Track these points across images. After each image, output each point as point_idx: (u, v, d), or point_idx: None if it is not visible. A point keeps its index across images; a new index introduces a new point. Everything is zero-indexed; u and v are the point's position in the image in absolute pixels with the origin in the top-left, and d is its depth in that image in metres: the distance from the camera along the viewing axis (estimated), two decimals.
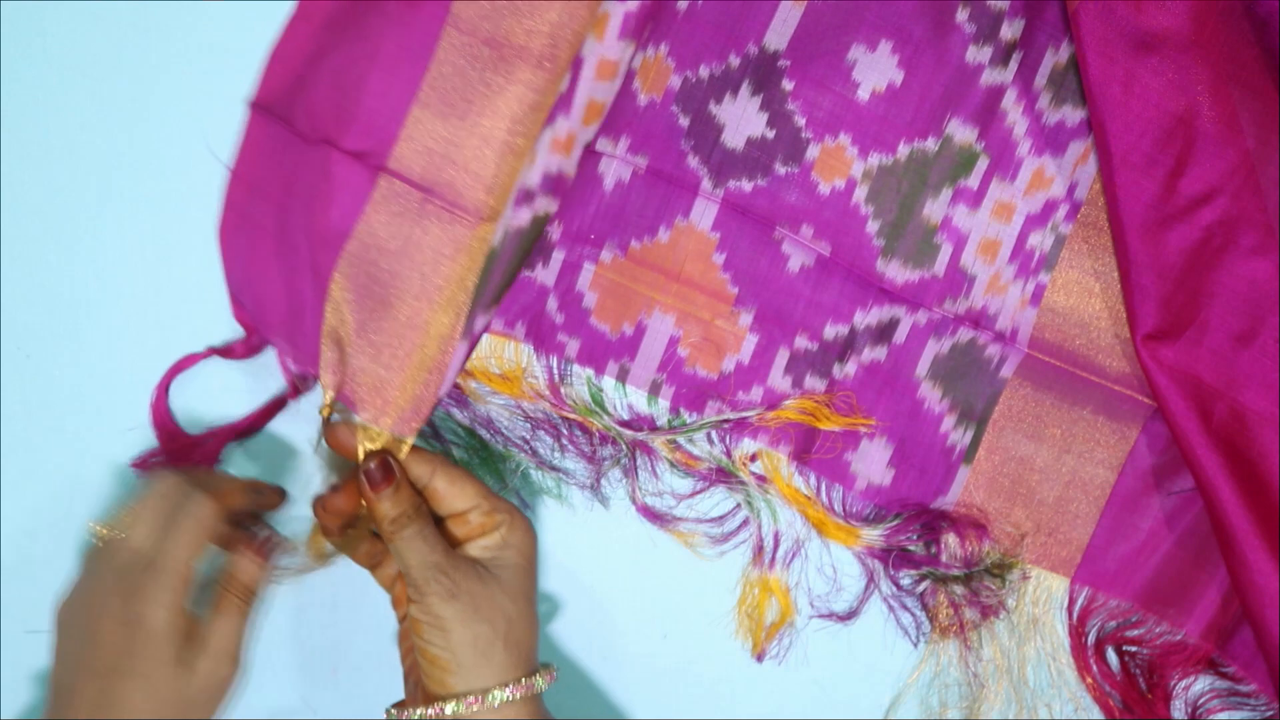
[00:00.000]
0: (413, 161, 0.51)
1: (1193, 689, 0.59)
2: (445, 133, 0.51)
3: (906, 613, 0.59)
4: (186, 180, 0.57)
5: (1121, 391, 0.58)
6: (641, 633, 0.60)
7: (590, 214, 0.57)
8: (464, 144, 0.51)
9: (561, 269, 0.57)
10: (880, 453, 0.58)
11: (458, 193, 0.51)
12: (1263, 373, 0.54)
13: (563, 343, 0.58)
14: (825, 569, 0.59)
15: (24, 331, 0.58)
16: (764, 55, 0.56)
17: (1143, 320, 0.55)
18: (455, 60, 0.50)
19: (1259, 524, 0.53)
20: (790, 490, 0.59)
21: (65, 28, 0.57)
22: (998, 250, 0.58)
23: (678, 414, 0.58)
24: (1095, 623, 0.59)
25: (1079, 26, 0.53)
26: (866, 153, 0.56)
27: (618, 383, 0.58)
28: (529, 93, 0.51)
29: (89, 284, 0.58)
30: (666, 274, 0.57)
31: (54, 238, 0.58)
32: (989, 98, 0.56)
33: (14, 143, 0.57)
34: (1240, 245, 0.54)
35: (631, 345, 0.58)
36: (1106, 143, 0.54)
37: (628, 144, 0.56)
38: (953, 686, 0.59)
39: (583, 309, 0.58)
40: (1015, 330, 0.58)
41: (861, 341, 0.58)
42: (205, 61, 0.57)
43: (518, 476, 0.58)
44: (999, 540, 0.59)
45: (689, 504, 0.59)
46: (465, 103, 0.51)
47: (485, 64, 0.50)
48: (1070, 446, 0.58)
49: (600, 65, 0.52)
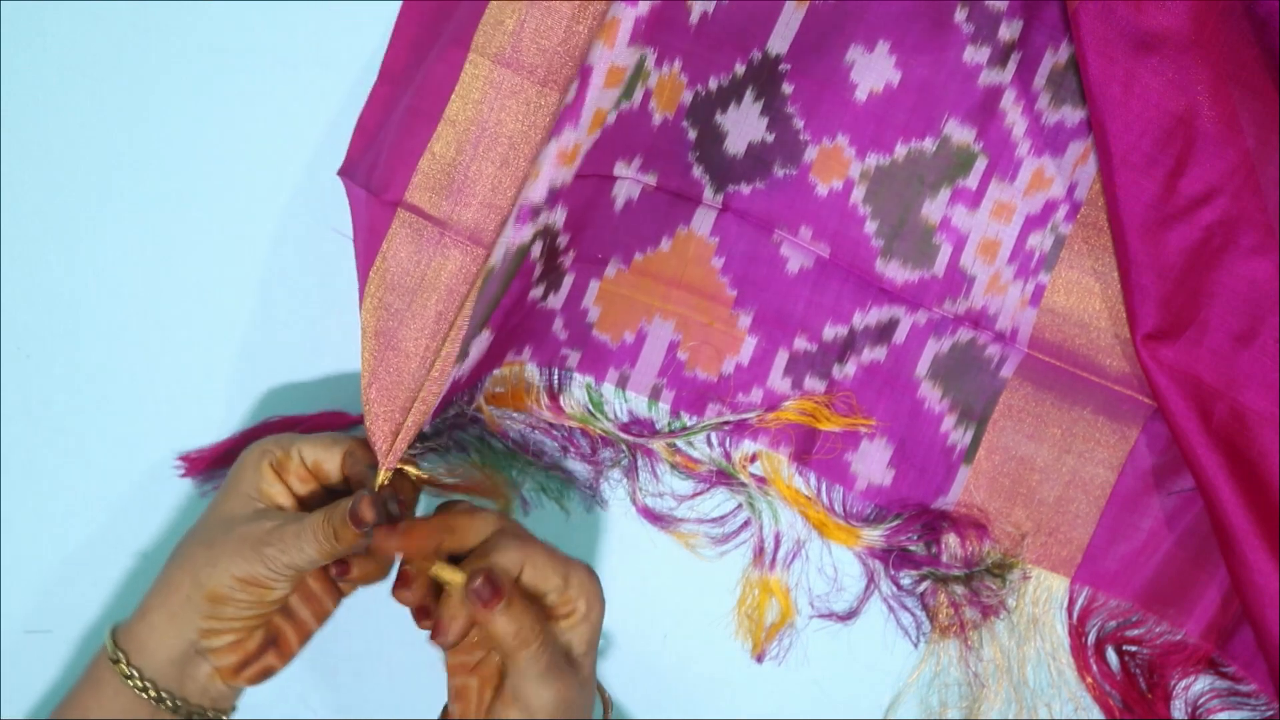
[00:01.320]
0: (427, 193, 0.51)
1: (1193, 689, 0.59)
2: (463, 163, 0.51)
3: (906, 613, 0.59)
4: (187, 180, 0.58)
5: (1121, 391, 0.58)
6: (641, 633, 0.60)
7: (601, 236, 0.56)
8: (484, 174, 0.51)
9: (570, 291, 0.57)
10: (880, 453, 0.58)
11: (474, 222, 0.51)
12: (1263, 372, 0.54)
13: (565, 355, 0.58)
14: (826, 569, 0.59)
15: (24, 331, 0.58)
16: (767, 60, 0.55)
17: (1143, 320, 0.55)
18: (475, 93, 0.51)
19: (1259, 524, 0.53)
20: (790, 491, 0.59)
21: (65, 28, 0.57)
22: (997, 250, 0.58)
23: (678, 417, 0.58)
24: (1095, 622, 0.59)
25: (1079, 26, 0.53)
26: (864, 153, 0.56)
27: (617, 389, 0.58)
28: (536, 114, 0.51)
29: (89, 284, 0.58)
30: (668, 282, 0.57)
31: (54, 238, 0.58)
32: (987, 98, 0.56)
33: (14, 143, 0.57)
34: (1240, 245, 0.54)
35: (632, 353, 0.58)
36: (1106, 143, 0.54)
37: (640, 164, 0.55)
38: (953, 686, 0.59)
39: (586, 323, 0.58)
40: (1015, 330, 0.58)
41: (861, 342, 0.58)
42: (205, 61, 0.57)
43: (522, 479, 0.59)
44: (999, 540, 0.59)
45: (690, 505, 0.59)
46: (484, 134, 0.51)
47: (507, 91, 0.51)
48: (1070, 446, 0.58)
49: (610, 72, 0.50)
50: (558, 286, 0.56)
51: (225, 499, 0.52)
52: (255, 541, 0.49)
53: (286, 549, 0.48)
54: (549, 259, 0.54)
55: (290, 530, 0.49)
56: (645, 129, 0.55)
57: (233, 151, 0.58)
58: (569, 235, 0.55)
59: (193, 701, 0.50)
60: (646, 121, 0.55)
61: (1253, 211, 0.54)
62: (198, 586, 0.49)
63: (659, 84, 0.54)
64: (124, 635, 0.50)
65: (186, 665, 0.50)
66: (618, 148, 0.54)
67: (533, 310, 0.56)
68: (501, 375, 0.57)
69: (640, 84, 0.53)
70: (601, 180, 0.55)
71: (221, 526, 0.50)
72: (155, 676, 0.49)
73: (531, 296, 0.55)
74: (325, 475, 0.52)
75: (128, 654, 0.49)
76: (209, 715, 0.51)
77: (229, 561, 0.49)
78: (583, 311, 0.57)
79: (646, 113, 0.54)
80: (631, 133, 0.54)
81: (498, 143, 0.52)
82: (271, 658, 0.51)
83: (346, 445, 0.52)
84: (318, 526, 0.48)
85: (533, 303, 0.55)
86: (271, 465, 0.52)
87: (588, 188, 0.54)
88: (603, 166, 0.54)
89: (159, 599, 0.50)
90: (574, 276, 0.57)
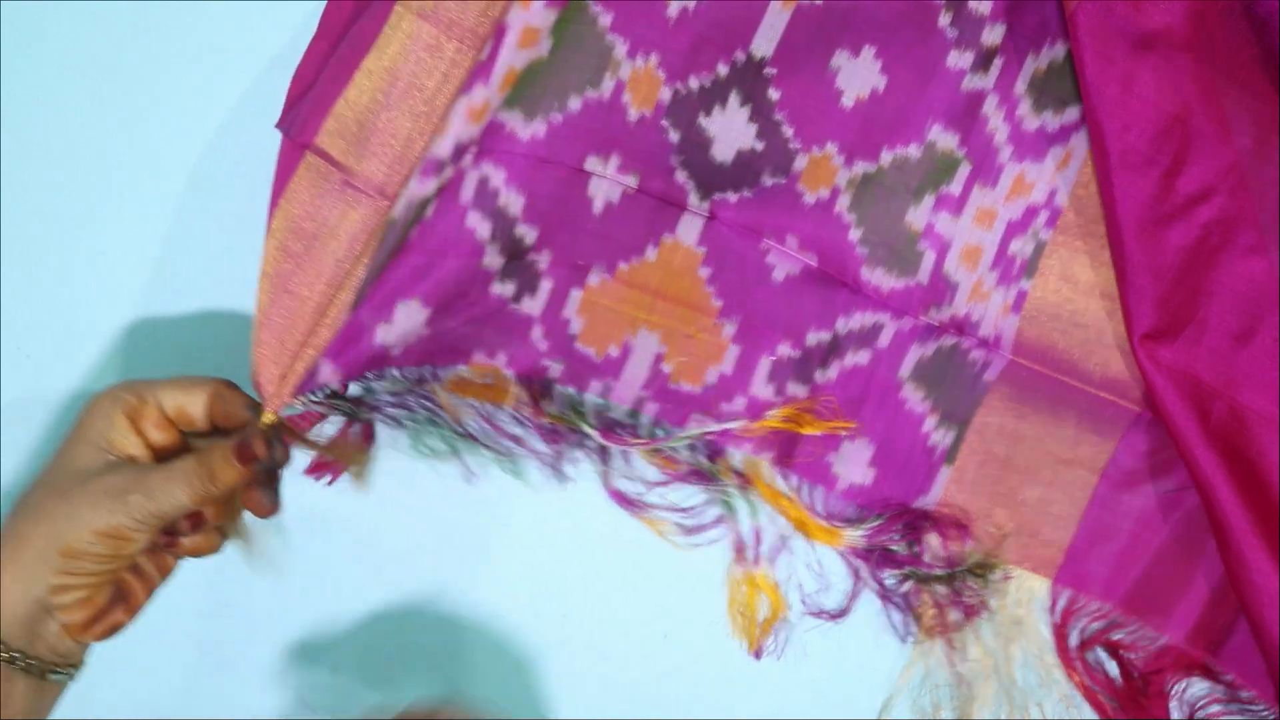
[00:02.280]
0: (338, 140, 0.52)
1: (1191, 692, 0.59)
2: (375, 114, 0.52)
3: (896, 610, 0.59)
4: (187, 180, 0.58)
5: (1104, 397, 0.58)
6: (641, 633, 0.60)
7: (580, 239, 0.56)
8: (396, 128, 0.52)
9: (549, 298, 0.56)
10: (861, 453, 0.58)
11: (382, 175, 0.52)
12: (1262, 371, 0.54)
13: (547, 366, 0.57)
14: (813, 565, 0.59)
15: (24, 331, 0.58)
16: (751, 63, 0.55)
17: (1140, 320, 0.55)
18: (396, 45, 0.52)
19: (1258, 523, 0.53)
20: (771, 492, 0.58)
21: (65, 28, 0.57)
22: (980, 257, 0.58)
23: (660, 424, 0.58)
24: (1078, 624, 0.59)
25: (1076, 26, 0.53)
26: (852, 161, 0.56)
27: (600, 399, 0.58)
28: (452, 70, 0.52)
29: (89, 284, 0.58)
30: (654, 293, 0.57)
31: (54, 238, 0.58)
32: (970, 103, 0.56)
33: (14, 143, 0.58)
34: (1238, 244, 0.54)
35: (616, 366, 0.57)
36: (1104, 143, 0.54)
37: (618, 164, 0.55)
38: (945, 687, 0.59)
39: (568, 335, 0.57)
40: (998, 337, 0.58)
41: (844, 347, 0.58)
42: (205, 61, 0.57)
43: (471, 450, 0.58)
44: (981, 540, 0.59)
45: (660, 493, 0.59)
46: (400, 86, 0.52)
47: (427, 46, 0.52)
48: (1052, 449, 0.58)
49: (524, 32, 0.51)
50: (533, 290, 0.56)
51: (73, 449, 0.49)
52: (117, 491, 0.47)
53: (154, 494, 0.47)
54: (511, 251, 0.54)
55: (158, 476, 0.47)
56: (619, 124, 0.54)
57: (233, 152, 0.58)
58: (537, 230, 0.54)
59: (45, 659, 0.48)
60: (620, 115, 0.54)
61: (1250, 210, 0.54)
62: (52, 540, 0.47)
63: (634, 77, 0.54)
64: None
65: (35, 624, 0.48)
66: (585, 140, 0.54)
67: (503, 311, 0.55)
68: (475, 372, 0.57)
69: (610, 74, 0.53)
70: (573, 173, 0.54)
71: (75, 478, 0.48)
72: (5, 637, 0.47)
73: (497, 293, 0.55)
74: (189, 420, 0.51)
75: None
76: (61, 670, 0.49)
77: (90, 514, 0.47)
78: (564, 322, 0.57)
79: (620, 106, 0.54)
80: (603, 126, 0.54)
81: (410, 97, 0.52)
82: (120, 613, 0.50)
83: (211, 386, 0.51)
84: (190, 469, 0.47)
85: (501, 302, 0.55)
86: (125, 413, 0.49)
87: (554, 177, 0.54)
88: (570, 157, 0.54)
89: (7, 556, 0.47)
90: (553, 283, 0.56)
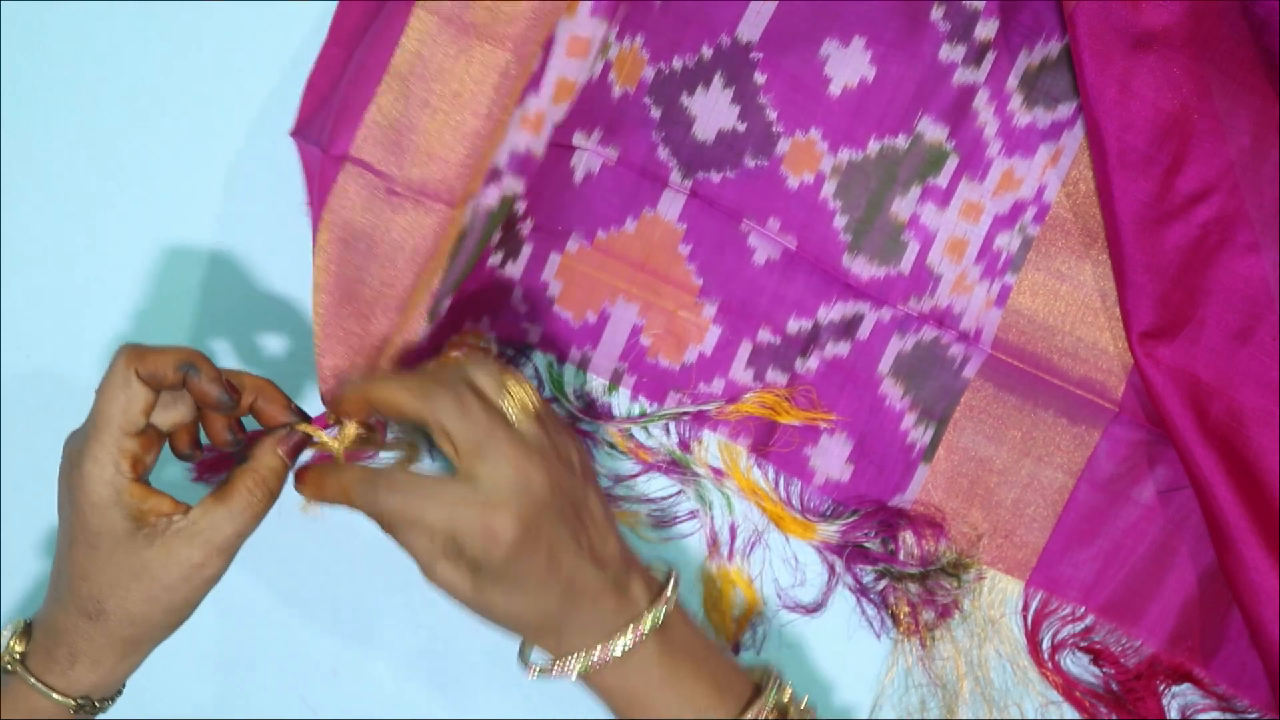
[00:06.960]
0: (374, 148, 0.50)
1: (1184, 700, 0.59)
2: (409, 118, 0.50)
3: (873, 606, 0.59)
4: (187, 180, 0.58)
5: (1083, 396, 0.58)
6: None
7: (560, 207, 0.57)
8: (429, 129, 0.50)
9: (529, 262, 0.57)
10: (840, 448, 0.59)
11: (426, 179, 0.50)
12: (1261, 370, 0.54)
13: (525, 329, 0.58)
14: (789, 560, 0.59)
15: (24, 331, 0.58)
16: (736, 47, 0.56)
17: (1139, 319, 0.55)
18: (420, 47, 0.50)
19: (1256, 522, 0.53)
20: (747, 483, 0.59)
21: (65, 28, 0.57)
22: (964, 250, 0.58)
23: (637, 402, 0.59)
24: (1050, 627, 0.59)
25: (1075, 25, 0.53)
26: (837, 148, 0.57)
27: (578, 370, 0.58)
28: (500, 77, 0.50)
29: (89, 284, 0.58)
30: (632, 264, 0.58)
31: (54, 238, 0.58)
32: (960, 97, 0.56)
33: (14, 143, 0.58)
34: (1237, 242, 0.54)
35: (594, 333, 0.58)
36: (1103, 142, 0.54)
37: (600, 136, 0.56)
38: (926, 686, 0.59)
39: (547, 297, 0.58)
40: (979, 331, 0.58)
41: (824, 336, 0.58)
42: (205, 61, 0.58)
43: None
44: (955, 540, 0.59)
45: (627, 485, 0.59)
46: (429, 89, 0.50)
47: (454, 48, 0.50)
48: (1030, 449, 0.58)
49: (571, 43, 0.52)
50: (516, 254, 0.57)
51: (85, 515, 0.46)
52: (195, 564, 0.47)
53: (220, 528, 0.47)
54: (506, 224, 0.55)
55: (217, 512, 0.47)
56: (605, 101, 0.56)
57: (235, 153, 0.58)
58: (526, 202, 0.55)
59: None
60: (606, 93, 0.56)
61: (1249, 209, 0.54)
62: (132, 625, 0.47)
63: (619, 57, 0.55)
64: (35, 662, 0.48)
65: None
66: (575, 118, 0.55)
67: (490, 276, 0.56)
68: (461, 338, 0.57)
69: (600, 57, 0.54)
70: (560, 149, 0.55)
71: (123, 550, 0.46)
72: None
73: (490, 263, 0.56)
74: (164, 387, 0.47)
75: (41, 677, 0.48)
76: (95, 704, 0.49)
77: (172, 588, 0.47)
78: (543, 285, 0.58)
79: (606, 84, 0.56)
80: (590, 104, 0.55)
81: (435, 94, 0.50)
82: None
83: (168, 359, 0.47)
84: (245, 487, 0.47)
85: (490, 269, 0.56)
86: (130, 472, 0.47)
87: (545, 155, 0.54)
88: (560, 135, 0.55)
89: (84, 643, 0.47)
90: (532, 246, 0.57)
